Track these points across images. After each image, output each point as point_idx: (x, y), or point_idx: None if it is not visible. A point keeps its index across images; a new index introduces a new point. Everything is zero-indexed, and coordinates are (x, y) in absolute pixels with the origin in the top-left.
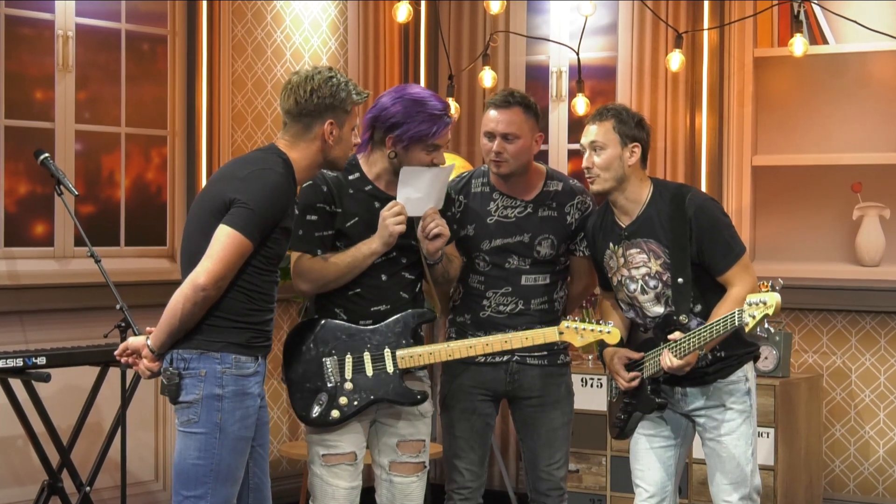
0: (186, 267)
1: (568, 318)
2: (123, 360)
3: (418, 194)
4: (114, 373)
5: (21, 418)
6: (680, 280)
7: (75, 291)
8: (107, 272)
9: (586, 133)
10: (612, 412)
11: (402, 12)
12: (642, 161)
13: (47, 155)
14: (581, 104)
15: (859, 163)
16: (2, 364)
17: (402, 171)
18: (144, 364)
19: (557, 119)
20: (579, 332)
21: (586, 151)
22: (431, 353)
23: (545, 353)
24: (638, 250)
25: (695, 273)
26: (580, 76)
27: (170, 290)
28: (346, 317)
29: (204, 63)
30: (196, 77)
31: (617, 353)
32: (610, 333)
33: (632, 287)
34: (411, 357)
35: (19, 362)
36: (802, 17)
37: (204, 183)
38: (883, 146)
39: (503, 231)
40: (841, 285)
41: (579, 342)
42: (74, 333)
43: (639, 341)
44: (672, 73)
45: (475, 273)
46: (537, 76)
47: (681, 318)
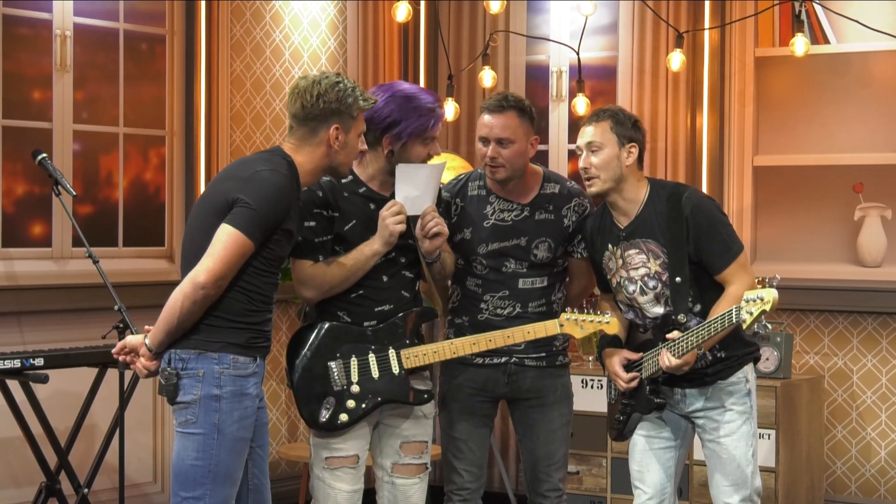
0: (187, 266)
1: (567, 311)
2: (121, 359)
3: (416, 192)
4: (112, 374)
5: (19, 419)
6: (678, 279)
7: (73, 292)
8: (105, 273)
9: (582, 134)
10: (611, 414)
11: (402, 12)
12: (639, 162)
13: (45, 155)
14: (581, 104)
15: (861, 163)
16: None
17: (399, 169)
18: (142, 363)
19: (557, 119)
20: (579, 324)
21: (583, 153)
22: (436, 352)
23: (543, 355)
24: (637, 251)
25: (694, 272)
26: (580, 76)
27: (168, 291)
28: (351, 319)
29: (202, 63)
30: (194, 77)
31: (616, 354)
32: (609, 323)
33: (631, 288)
34: (416, 356)
35: (17, 363)
36: (804, 17)
37: (202, 183)
38: (884, 146)
39: (500, 234)
40: (842, 286)
41: (579, 333)
42: (72, 334)
43: (638, 342)
44: (673, 73)
45: (473, 276)
46: (537, 76)
47: (679, 318)
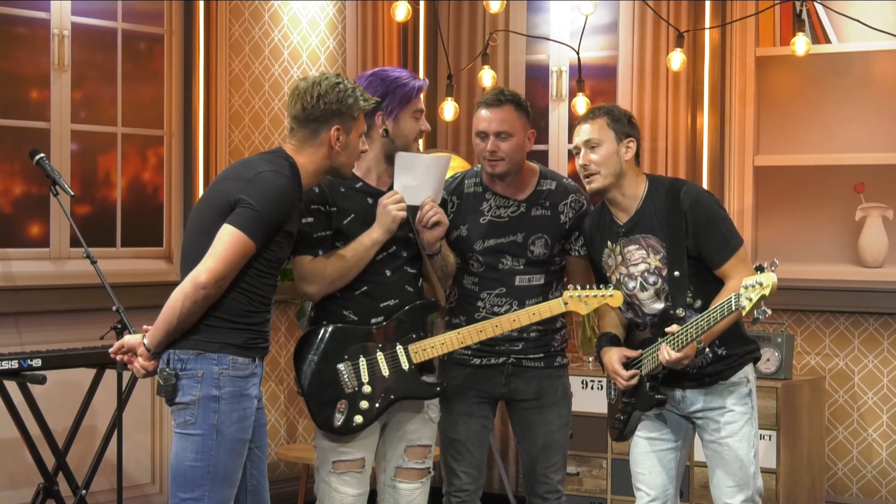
0: (187, 267)
1: (570, 287)
2: (118, 359)
3: (415, 182)
4: (110, 375)
5: (16, 421)
6: (676, 273)
7: (71, 293)
8: (103, 273)
9: (579, 133)
10: (612, 414)
11: (401, 11)
12: (636, 158)
13: (43, 155)
14: (581, 104)
15: (862, 163)
16: None
17: (398, 157)
18: (140, 363)
19: (557, 119)
20: (583, 300)
21: (580, 151)
22: (443, 343)
23: (542, 355)
24: (636, 247)
25: (694, 268)
26: (580, 76)
27: (166, 292)
28: (356, 317)
29: (201, 62)
30: (193, 76)
31: (614, 353)
32: (612, 297)
33: (630, 285)
34: (424, 350)
35: (14, 364)
36: (805, 16)
37: (201, 183)
38: (886, 146)
39: (496, 231)
40: (844, 286)
41: (584, 309)
42: (70, 335)
43: (637, 341)
44: (673, 73)
45: (469, 274)
46: (537, 75)
47: (678, 312)
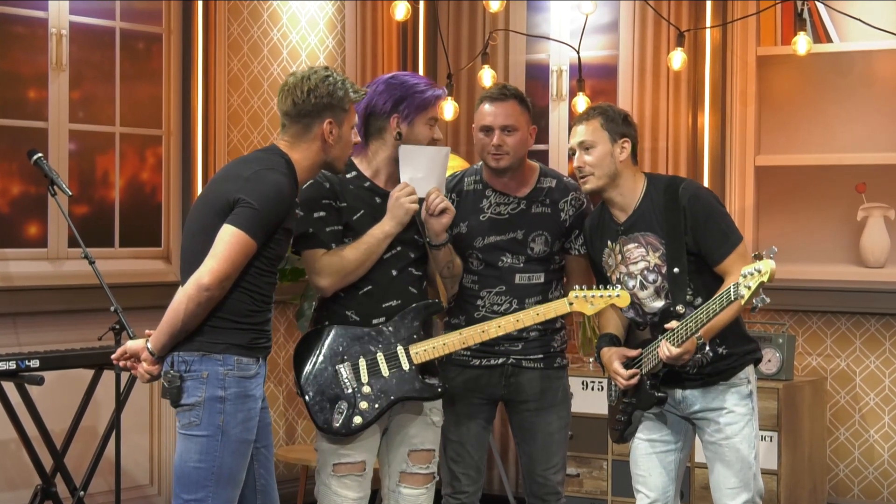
0: (187, 268)
1: (575, 288)
2: (121, 364)
3: (420, 174)
4: (108, 375)
5: (14, 422)
6: (675, 270)
7: (69, 293)
8: (101, 274)
9: (574, 134)
10: (612, 415)
11: (401, 10)
12: (633, 157)
13: (41, 155)
14: (582, 103)
15: (864, 163)
16: None
17: (401, 150)
18: (144, 367)
19: (558, 118)
20: (589, 300)
21: (576, 153)
22: (445, 344)
23: (541, 356)
24: (635, 245)
25: (695, 265)
26: (581, 75)
27: (165, 292)
28: (359, 317)
29: (199, 62)
30: (191, 76)
31: (614, 353)
32: (619, 297)
33: (630, 284)
34: (425, 350)
35: (12, 365)
36: (806, 16)
37: (199, 183)
38: (887, 146)
39: (496, 228)
40: (845, 287)
41: (590, 310)
42: (68, 336)
43: (638, 342)
44: (674, 72)
45: (468, 273)
46: (537, 75)
47: (678, 309)
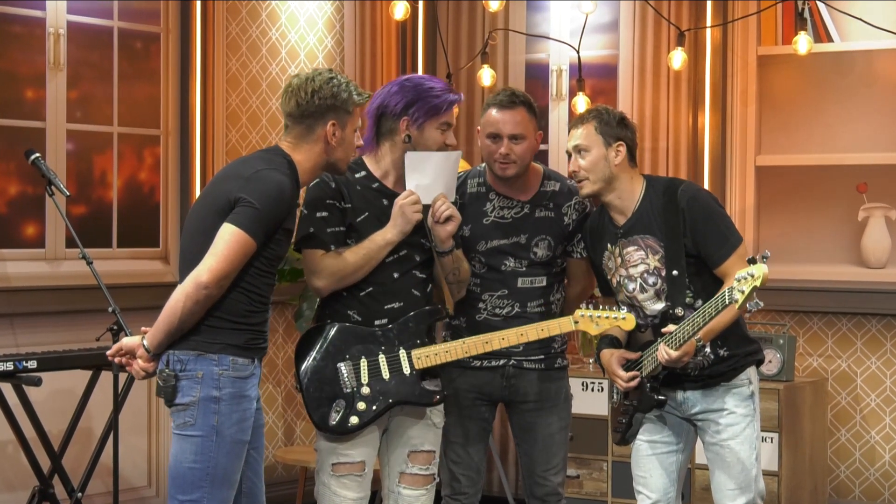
0: (186, 267)
1: (582, 307)
2: (117, 361)
3: (427, 180)
4: (106, 377)
5: (11, 423)
6: (674, 272)
7: (67, 294)
8: (99, 274)
9: (570, 138)
10: (614, 417)
11: (400, 10)
12: (631, 159)
13: (38, 155)
14: (582, 103)
15: (865, 163)
16: None
17: (407, 157)
18: (139, 365)
19: (558, 118)
20: (594, 321)
21: (571, 156)
22: (447, 352)
23: (542, 357)
24: (635, 247)
25: (694, 267)
26: (581, 75)
27: (163, 293)
28: (360, 318)
29: (198, 61)
30: (190, 75)
31: (614, 355)
32: (625, 320)
33: (630, 287)
34: (427, 356)
35: (10, 366)
36: (807, 15)
37: (198, 183)
38: (889, 146)
39: (499, 232)
40: (846, 287)
41: (595, 330)
42: (66, 337)
43: (639, 344)
44: (674, 72)
45: (471, 276)
46: (537, 74)
47: (677, 311)
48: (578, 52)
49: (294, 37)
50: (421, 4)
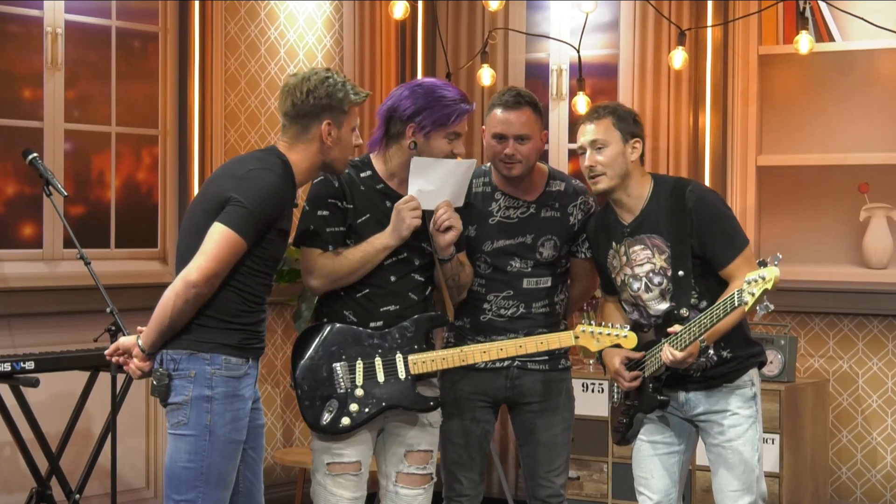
0: (181, 265)
1: (584, 323)
2: (114, 360)
3: (430, 187)
4: (104, 378)
5: (9, 424)
6: (680, 273)
7: (64, 294)
8: (97, 275)
9: (584, 133)
10: (614, 417)
11: (399, 9)
12: (640, 158)
13: (36, 155)
14: (582, 103)
15: (866, 163)
16: None
17: (413, 162)
18: (135, 364)
19: (557, 118)
20: (595, 337)
21: (586, 151)
22: (444, 359)
23: (546, 358)
24: (641, 247)
25: (700, 268)
26: (581, 74)
27: (161, 293)
28: (356, 318)
29: (196, 61)
30: (188, 75)
31: (617, 354)
32: (626, 338)
33: (635, 286)
34: (424, 362)
35: (7, 367)
36: (808, 14)
37: (196, 183)
38: (890, 146)
39: (505, 232)
40: (848, 288)
41: (595, 346)
42: (63, 337)
43: (641, 343)
44: (675, 71)
45: (476, 276)
46: (537, 74)
47: (682, 312)
48: (579, 52)
49: (293, 36)
50: (420, 4)
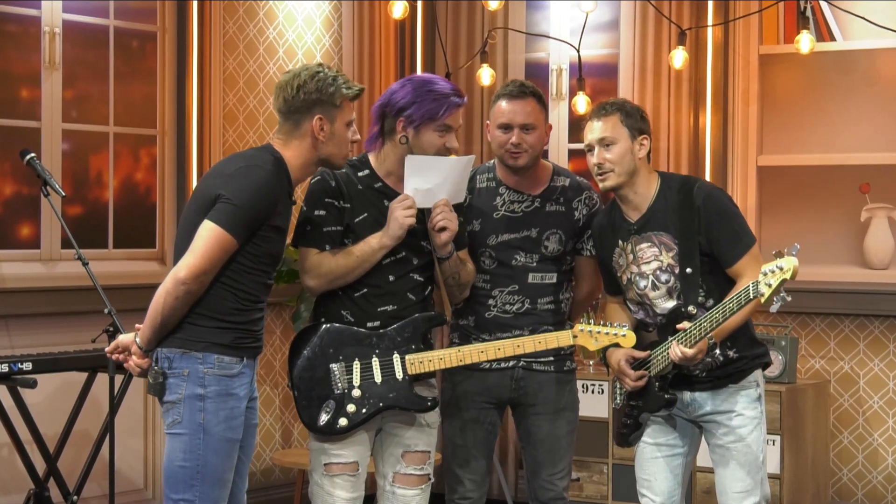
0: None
1: (582, 322)
2: (114, 358)
3: (427, 185)
4: (102, 379)
5: (6, 425)
6: (688, 270)
7: (62, 295)
8: (94, 275)
9: (591, 130)
10: (618, 418)
11: (398, 9)
12: (646, 155)
13: (33, 155)
14: (582, 102)
15: (867, 163)
16: None
17: (407, 160)
18: (134, 361)
19: (557, 118)
20: (594, 336)
21: (594, 149)
22: (442, 359)
23: (552, 359)
24: (648, 244)
25: (708, 265)
26: (581, 74)
27: None
28: (353, 318)
29: (194, 60)
30: (186, 75)
31: (621, 353)
32: (625, 336)
33: (642, 284)
34: (421, 362)
35: (5, 368)
36: (809, 14)
37: (194, 183)
38: (892, 146)
39: (510, 226)
40: (849, 288)
41: (594, 346)
42: (61, 338)
43: (645, 342)
44: (675, 71)
45: (480, 272)
46: (537, 74)
47: (689, 309)
48: (579, 52)
49: (292, 36)
50: (419, 3)
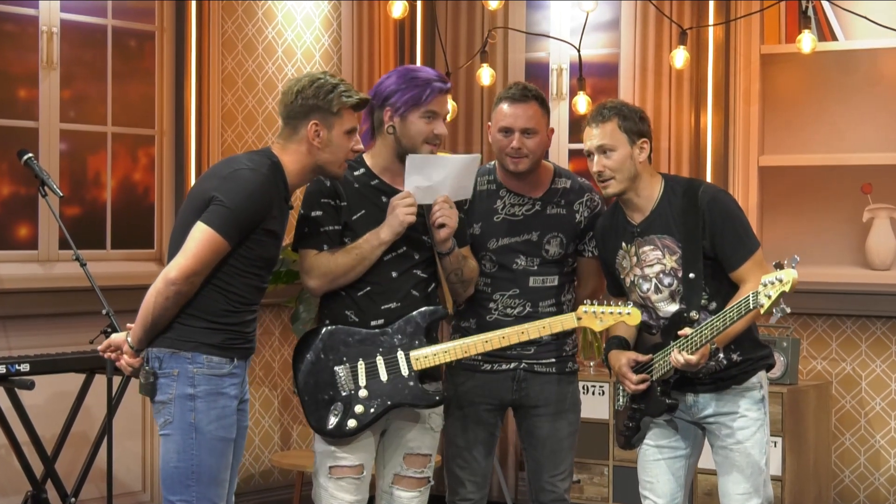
0: None
1: (586, 303)
2: (107, 356)
3: (427, 183)
4: (100, 380)
5: (4, 427)
6: (691, 275)
7: (60, 296)
8: (92, 276)
9: (590, 136)
10: (620, 421)
11: (398, 8)
12: (648, 156)
13: (31, 155)
14: (582, 102)
15: (869, 163)
16: None
17: (409, 159)
18: (125, 360)
19: (558, 118)
20: (598, 316)
21: (594, 156)
22: (446, 352)
23: (553, 361)
24: (651, 247)
25: (711, 269)
26: (581, 73)
27: None
28: (357, 318)
29: (193, 60)
30: (185, 75)
31: (623, 356)
32: (630, 315)
33: (645, 287)
34: (426, 357)
35: (2, 369)
36: (811, 13)
37: (192, 183)
38: (894, 146)
39: (511, 229)
40: (851, 289)
41: (599, 326)
42: (59, 339)
43: (647, 345)
44: (676, 71)
45: (481, 275)
46: (537, 73)
47: (692, 314)
48: (579, 51)
49: (291, 35)
50: (419, 3)
